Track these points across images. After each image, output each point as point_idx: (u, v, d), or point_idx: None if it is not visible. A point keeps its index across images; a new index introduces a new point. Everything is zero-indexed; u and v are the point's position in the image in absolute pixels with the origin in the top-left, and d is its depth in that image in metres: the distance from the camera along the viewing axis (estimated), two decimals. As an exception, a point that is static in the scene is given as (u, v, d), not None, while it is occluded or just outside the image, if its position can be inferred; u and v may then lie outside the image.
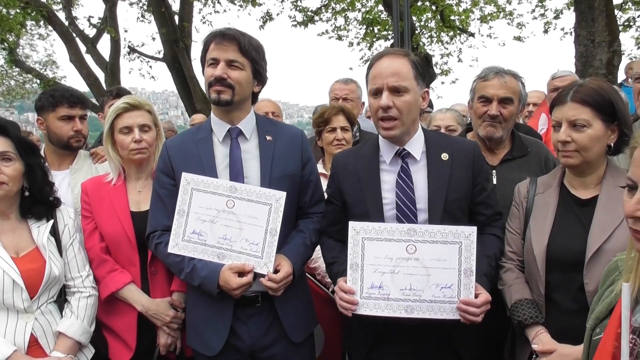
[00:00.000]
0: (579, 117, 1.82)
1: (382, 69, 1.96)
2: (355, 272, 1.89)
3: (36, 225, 2.14)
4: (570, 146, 1.84)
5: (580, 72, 6.92)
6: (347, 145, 2.97)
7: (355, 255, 1.89)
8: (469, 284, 1.83)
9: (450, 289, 1.83)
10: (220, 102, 2.05)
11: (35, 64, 16.12)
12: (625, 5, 12.12)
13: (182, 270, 2.04)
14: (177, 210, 2.04)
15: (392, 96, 1.93)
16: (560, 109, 1.87)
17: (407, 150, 2.03)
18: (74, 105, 2.70)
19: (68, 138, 2.70)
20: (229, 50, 2.03)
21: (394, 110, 1.94)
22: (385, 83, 1.94)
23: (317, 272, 2.79)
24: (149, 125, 2.38)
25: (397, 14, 7.66)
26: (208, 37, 2.08)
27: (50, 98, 2.72)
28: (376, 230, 1.89)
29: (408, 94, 1.95)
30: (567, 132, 1.84)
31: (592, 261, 1.77)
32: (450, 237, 1.84)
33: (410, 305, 1.85)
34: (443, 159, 2.02)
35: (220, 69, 2.02)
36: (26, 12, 11.83)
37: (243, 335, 2.07)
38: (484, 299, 1.83)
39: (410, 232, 1.86)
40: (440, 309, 1.84)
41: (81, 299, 2.19)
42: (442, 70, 14.69)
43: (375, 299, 1.87)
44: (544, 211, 1.96)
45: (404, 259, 1.86)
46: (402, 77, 1.94)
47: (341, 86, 3.94)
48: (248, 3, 13.03)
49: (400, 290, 1.86)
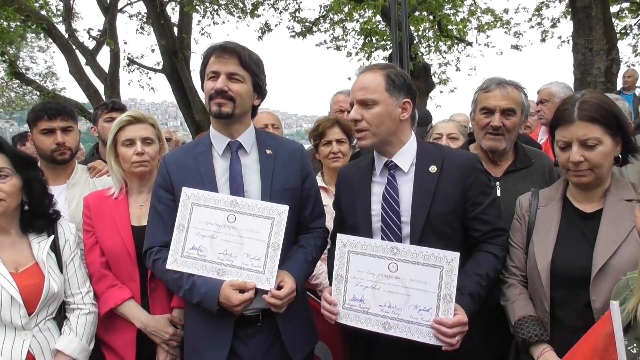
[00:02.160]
0: (590, 136, 1.78)
1: (354, 85, 2.06)
2: (339, 282, 1.94)
3: (37, 241, 2.13)
4: (584, 165, 1.80)
5: (579, 80, 6.93)
6: (343, 158, 2.96)
7: (340, 267, 1.94)
8: (448, 310, 1.79)
9: (428, 312, 1.81)
10: (222, 115, 2.04)
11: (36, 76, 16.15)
12: (621, 13, 12.20)
13: (180, 287, 2.01)
14: (177, 226, 2.02)
15: (361, 109, 2.01)
16: (568, 129, 1.82)
17: (394, 162, 2.05)
18: (54, 118, 2.64)
19: (51, 152, 2.65)
20: (230, 63, 2.03)
21: (362, 122, 2.01)
22: (354, 97, 2.04)
23: (319, 288, 2.75)
24: (152, 138, 2.38)
25: (396, 24, 7.69)
26: (208, 51, 2.08)
27: (31, 112, 2.70)
28: (361, 244, 1.92)
29: (377, 106, 1.99)
30: (580, 152, 1.79)
31: (599, 277, 1.74)
32: (432, 260, 1.82)
33: (388, 322, 1.85)
34: (431, 171, 2.02)
35: (221, 81, 2.01)
36: (27, 25, 11.87)
37: (243, 355, 2.03)
38: (456, 320, 1.77)
39: (394, 251, 1.87)
40: (417, 331, 1.82)
41: (80, 316, 2.16)
42: (441, 80, 14.76)
43: (355, 311, 1.90)
44: (547, 225, 1.94)
45: (385, 276, 1.87)
46: (369, 91, 2.00)
47: (346, 98, 3.92)
48: (247, 14, 13.08)
49: (380, 306, 1.87)
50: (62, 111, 2.67)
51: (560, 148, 1.88)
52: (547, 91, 3.91)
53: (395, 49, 7.73)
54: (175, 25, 12.83)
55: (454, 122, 3.54)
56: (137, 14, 13.54)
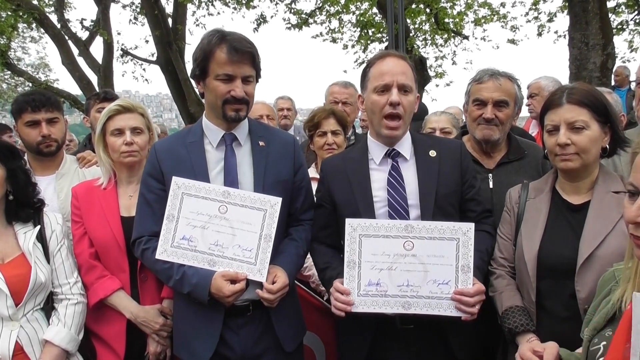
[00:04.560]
0: (577, 119, 1.80)
1: (390, 67, 1.99)
2: (352, 269, 1.89)
3: (22, 231, 2.11)
4: (570, 149, 1.82)
5: (574, 74, 6.95)
6: (338, 150, 2.94)
7: (352, 253, 1.89)
8: (467, 280, 1.83)
9: (447, 285, 1.83)
10: (239, 119, 2.04)
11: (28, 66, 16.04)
12: (618, 9, 12.20)
13: (170, 277, 2.00)
14: (167, 215, 2.00)
15: (400, 94, 1.97)
16: (557, 112, 1.85)
17: (397, 150, 2.06)
18: (38, 110, 2.55)
19: (37, 144, 2.58)
20: (244, 66, 1.98)
21: (400, 107, 1.97)
22: (395, 80, 1.96)
23: (311, 280, 2.75)
24: (141, 128, 2.36)
25: (392, 16, 7.66)
26: (213, 44, 1.95)
27: (14, 104, 2.62)
28: (373, 227, 1.89)
29: (412, 95, 2.01)
30: (567, 135, 1.81)
31: (584, 268, 1.75)
32: (447, 234, 1.84)
33: (408, 302, 1.85)
34: (431, 155, 2.06)
35: (240, 88, 1.97)
36: (18, 15, 11.72)
37: (234, 344, 2.03)
38: (477, 288, 1.83)
39: (408, 229, 1.86)
40: (437, 305, 1.84)
41: (69, 306, 2.15)
42: (437, 73, 14.77)
43: (372, 296, 1.87)
44: (536, 217, 1.95)
45: (401, 256, 1.86)
46: (408, 77, 2.00)
47: (340, 89, 3.91)
48: (242, 5, 12.99)
49: (398, 286, 1.85)
50: (46, 102, 2.58)
51: (548, 132, 1.89)
52: (536, 85, 3.93)
53: (391, 41, 7.72)
54: (169, 16, 12.71)
55: (447, 114, 3.54)
56: (131, 4, 13.39)
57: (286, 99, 5.18)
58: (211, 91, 2.01)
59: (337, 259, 1.93)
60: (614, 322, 1.19)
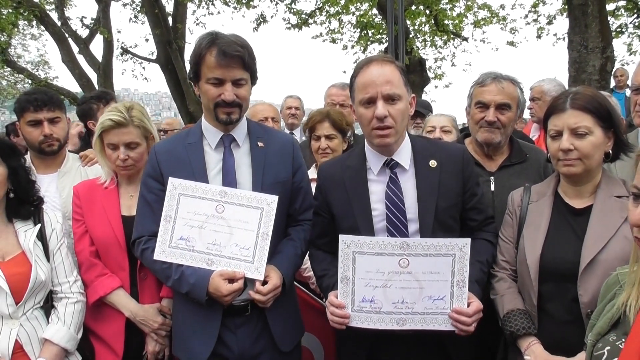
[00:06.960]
0: (580, 125, 1.80)
1: (373, 77, 1.88)
2: (346, 285, 1.86)
3: (23, 230, 2.11)
4: (573, 154, 1.81)
5: (573, 77, 6.97)
6: (332, 154, 2.91)
7: (345, 269, 1.85)
8: (462, 295, 1.81)
9: (442, 300, 1.81)
10: (231, 122, 2.03)
11: (27, 64, 16.00)
12: (617, 12, 12.24)
13: (169, 277, 2.00)
14: (164, 216, 2.00)
15: (387, 105, 1.87)
16: (560, 117, 1.84)
17: (395, 160, 1.98)
18: (40, 109, 2.55)
19: (39, 143, 2.59)
20: (234, 70, 1.96)
21: (389, 119, 1.87)
22: (379, 92, 1.86)
23: (311, 281, 2.75)
24: (137, 142, 2.28)
25: (392, 17, 7.67)
26: (204, 47, 1.94)
27: (17, 103, 2.63)
28: (367, 244, 1.84)
29: (401, 102, 1.90)
30: (570, 140, 1.81)
31: (587, 272, 1.75)
32: (444, 250, 1.80)
33: (403, 318, 1.83)
34: (431, 166, 1.98)
35: (230, 92, 1.96)
36: (18, 12, 11.72)
37: (231, 344, 2.03)
38: (475, 308, 1.81)
39: (404, 246, 1.82)
40: (432, 320, 1.82)
41: (68, 305, 2.15)
42: (436, 74, 14.78)
43: (367, 312, 1.85)
44: (538, 220, 1.94)
45: (396, 273, 1.82)
46: (394, 85, 1.88)
47: (338, 91, 3.91)
48: (242, 5, 13.00)
49: (392, 303, 1.83)
50: (48, 102, 2.58)
51: (551, 137, 1.89)
52: (538, 89, 3.92)
53: (391, 42, 7.73)
54: (169, 15, 12.72)
55: (447, 115, 3.56)
56: (131, 2, 13.40)
57: (295, 98, 5.20)
58: (204, 94, 2.02)
59: (335, 265, 1.90)
60: (618, 326, 1.19)
